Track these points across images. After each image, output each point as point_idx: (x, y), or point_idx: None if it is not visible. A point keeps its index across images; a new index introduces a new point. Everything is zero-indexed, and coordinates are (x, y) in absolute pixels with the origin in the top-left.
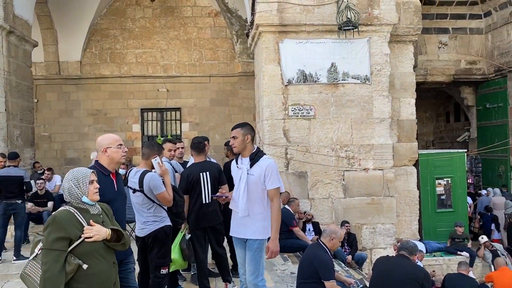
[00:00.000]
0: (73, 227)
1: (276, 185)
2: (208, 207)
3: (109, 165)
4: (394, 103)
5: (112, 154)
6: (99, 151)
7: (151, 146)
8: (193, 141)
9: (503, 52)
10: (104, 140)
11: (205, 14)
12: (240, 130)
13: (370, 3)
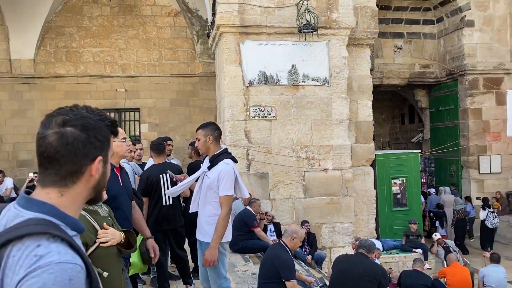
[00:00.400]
0: (88, 232)
1: (226, 192)
2: (169, 209)
3: (112, 159)
4: (352, 105)
5: (116, 148)
6: None
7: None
8: (153, 142)
9: (454, 56)
10: None
11: (165, 13)
12: (201, 131)
13: (329, 7)
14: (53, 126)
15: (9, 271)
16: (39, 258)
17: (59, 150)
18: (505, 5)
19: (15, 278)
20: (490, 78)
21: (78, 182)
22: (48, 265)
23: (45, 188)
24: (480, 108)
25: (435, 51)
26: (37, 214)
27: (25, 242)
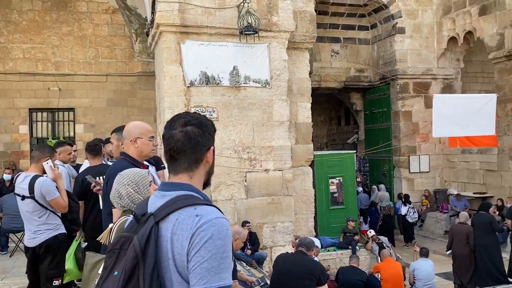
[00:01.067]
0: None
1: None
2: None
3: (138, 158)
4: (292, 107)
5: (142, 146)
6: (126, 139)
7: (42, 149)
8: (89, 144)
9: (387, 61)
10: (135, 128)
11: (102, 10)
12: (114, 135)
13: (270, 10)
14: (177, 127)
15: (177, 230)
16: (200, 217)
17: (185, 144)
18: (432, 14)
19: (185, 234)
20: (419, 83)
21: (199, 166)
22: (210, 221)
23: (177, 175)
24: (410, 111)
25: (369, 56)
26: (181, 192)
27: (184, 209)
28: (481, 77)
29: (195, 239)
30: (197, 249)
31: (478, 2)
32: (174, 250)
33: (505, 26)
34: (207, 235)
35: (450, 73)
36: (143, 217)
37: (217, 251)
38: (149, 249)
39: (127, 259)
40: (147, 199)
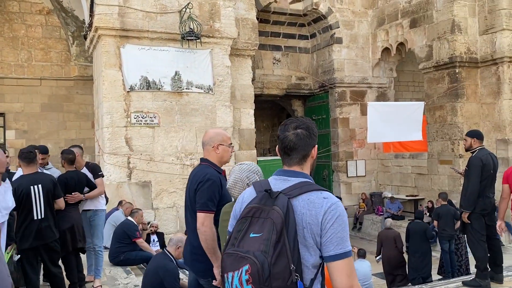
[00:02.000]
0: None
1: None
2: (41, 223)
3: (218, 163)
4: (236, 113)
5: (223, 153)
6: (208, 145)
7: None
8: (22, 151)
9: (326, 70)
10: (217, 136)
11: (35, 11)
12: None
13: (212, 16)
14: (290, 129)
15: (310, 207)
16: (327, 199)
17: (296, 143)
18: (368, 26)
19: (318, 211)
20: (356, 91)
21: (307, 160)
22: (335, 203)
23: (291, 166)
24: (348, 118)
25: (309, 64)
26: (302, 179)
27: (313, 192)
28: (412, 86)
29: (328, 216)
30: (331, 223)
31: (409, 15)
32: (307, 221)
33: (433, 39)
34: (336, 214)
35: (384, 82)
36: (274, 193)
37: (344, 225)
38: (289, 218)
39: (275, 224)
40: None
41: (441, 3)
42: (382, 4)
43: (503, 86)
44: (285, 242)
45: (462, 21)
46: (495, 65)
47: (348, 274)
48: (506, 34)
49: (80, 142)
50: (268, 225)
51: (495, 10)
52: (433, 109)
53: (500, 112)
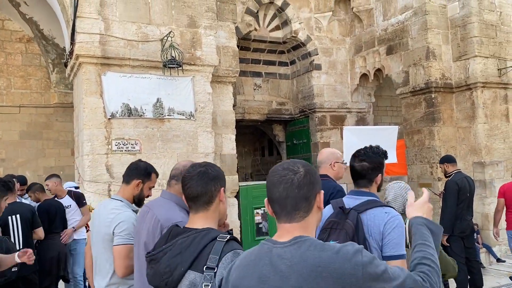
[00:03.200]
0: None
1: None
2: None
3: (335, 179)
4: (217, 139)
5: (339, 169)
6: (324, 163)
7: None
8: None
9: (305, 95)
10: (334, 154)
11: (15, 39)
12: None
13: (193, 45)
14: (357, 161)
15: (374, 219)
16: (388, 213)
17: (361, 173)
18: (346, 53)
19: (381, 222)
20: (335, 116)
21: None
22: (394, 216)
23: (360, 188)
24: (328, 142)
25: (289, 90)
26: (368, 197)
27: (377, 208)
28: (390, 111)
29: (387, 226)
30: (389, 232)
31: (385, 43)
32: (372, 230)
33: (409, 65)
34: (394, 224)
35: (363, 107)
36: (346, 210)
37: (400, 233)
38: (359, 229)
39: (348, 234)
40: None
41: (415, 31)
42: (359, 32)
43: (477, 111)
44: None
45: (436, 48)
46: (469, 90)
47: None
48: (478, 61)
49: (59, 170)
50: (343, 234)
51: (467, 38)
52: (411, 133)
53: (475, 135)
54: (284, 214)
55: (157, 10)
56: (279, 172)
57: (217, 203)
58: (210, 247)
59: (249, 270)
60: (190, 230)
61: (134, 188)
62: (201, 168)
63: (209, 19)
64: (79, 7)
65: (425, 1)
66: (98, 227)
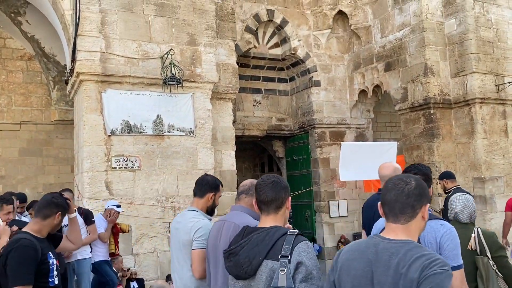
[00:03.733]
0: None
1: None
2: None
3: None
4: (217, 155)
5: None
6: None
7: None
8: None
9: (305, 111)
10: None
11: (17, 57)
12: None
13: (193, 62)
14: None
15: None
16: (443, 225)
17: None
18: (344, 69)
19: (437, 233)
20: (335, 132)
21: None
22: (450, 228)
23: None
24: (328, 158)
25: (289, 106)
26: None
27: (433, 220)
28: (389, 127)
29: (444, 238)
30: (447, 244)
31: (383, 59)
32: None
33: (407, 81)
34: (451, 236)
35: (362, 123)
36: None
37: (457, 245)
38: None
39: None
40: None
41: (413, 48)
42: (358, 49)
43: (476, 126)
44: None
45: (434, 64)
46: (467, 106)
47: (460, 280)
48: (476, 77)
49: (59, 187)
50: None
51: (465, 54)
52: (410, 149)
53: (475, 151)
54: (391, 215)
55: (157, 28)
56: (394, 181)
57: (284, 209)
58: (283, 240)
59: (358, 255)
60: (261, 228)
61: (208, 201)
62: (274, 178)
63: (209, 37)
64: (80, 26)
65: (422, 18)
66: (178, 235)
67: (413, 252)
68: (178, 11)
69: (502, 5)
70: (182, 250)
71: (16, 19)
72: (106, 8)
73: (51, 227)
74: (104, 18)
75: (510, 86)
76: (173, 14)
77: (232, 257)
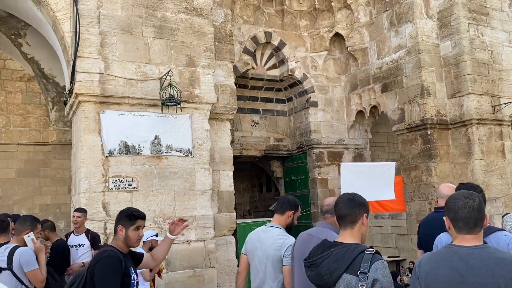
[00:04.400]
0: None
1: None
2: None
3: None
4: (215, 175)
5: None
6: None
7: (22, 221)
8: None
9: (303, 132)
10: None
11: (16, 78)
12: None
13: (192, 83)
14: (474, 196)
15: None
16: (507, 235)
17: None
18: (341, 90)
19: (504, 244)
20: (333, 152)
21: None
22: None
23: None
24: (326, 178)
25: (286, 126)
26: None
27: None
28: (387, 147)
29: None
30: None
31: (380, 81)
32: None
33: (404, 102)
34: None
35: (360, 143)
36: None
37: None
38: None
39: None
40: None
41: (409, 69)
42: (354, 70)
43: (473, 147)
44: None
45: (430, 85)
46: (464, 127)
47: None
48: (472, 98)
49: (56, 208)
50: None
51: (460, 76)
52: (408, 169)
53: (473, 171)
54: (466, 229)
55: (156, 50)
56: (462, 200)
57: (360, 225)
58: (361, 257)
59: (441, 263)
60: (341, 243)
61: (287, 218)
62: (349, 196)
63: (208, 58)
64: (80, 47)
65: (418, 40)
66: (263, 250)
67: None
68: (177, 33)
69: (496, 27)
70: (271, 264)
71: (16, 40)
72: (105, 30)
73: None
74: (104, 40)
75: (506, 107)
76: (172, 36)
77: (314, 268)
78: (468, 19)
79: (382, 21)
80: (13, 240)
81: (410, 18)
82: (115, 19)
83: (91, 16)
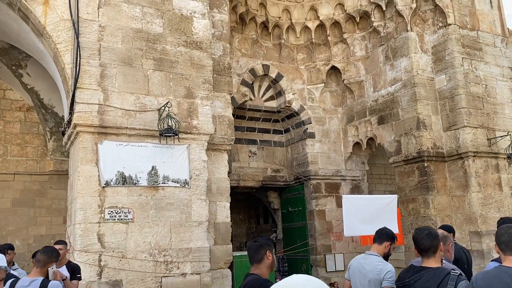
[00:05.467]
0: None
1: None
2: None
3: None
4: (211, 206)
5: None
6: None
7: (49, 253)
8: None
9: (300, 163)
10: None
11: (15, 108)
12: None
13: (190, 114)
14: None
15: None
16: None
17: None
18: (338, 122)
19: None
20: (330, 183)
21: None
22: None
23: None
24: (324, 210)
25: (284, 157)
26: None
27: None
28: (384, 179)
29: None
30: None
31: (376, 113)
32: None
33: (400, 134)
34: None
35: (357, 175)
36: None
37: None
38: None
39: None
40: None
41: (405, 102)
42: (351, 102)
43: (470, 179)
44: None
45: (426, 118)
46: (461, 159)
47: None
48: (468, 131)
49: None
50: None
51: (456, 109)
52: (406, 201)
53: (470, 204)
54: (509, 250)
55: (155, 81)
56: (505, 228)
57: (439, 252)
58: (448, 278)
59: (495, 280)
60: (428, 268)
61: (385, 248)
62: (426, 231)
63: (206, 90)
64: (80, 79)
65: (413, 74)
66: (363, 274)
67: None
68: (176, 65)
69: (489, 62)
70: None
71: (17, 71)
72: (106, 62)
73: None
74: (104, 71)
75: (501, 140)
76: (171, 69)
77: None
78: (462, 54)
79: (377, 55)
80: (36, 272)
81: (405, 53)
82: (115, 52)
83: (91, 48)
